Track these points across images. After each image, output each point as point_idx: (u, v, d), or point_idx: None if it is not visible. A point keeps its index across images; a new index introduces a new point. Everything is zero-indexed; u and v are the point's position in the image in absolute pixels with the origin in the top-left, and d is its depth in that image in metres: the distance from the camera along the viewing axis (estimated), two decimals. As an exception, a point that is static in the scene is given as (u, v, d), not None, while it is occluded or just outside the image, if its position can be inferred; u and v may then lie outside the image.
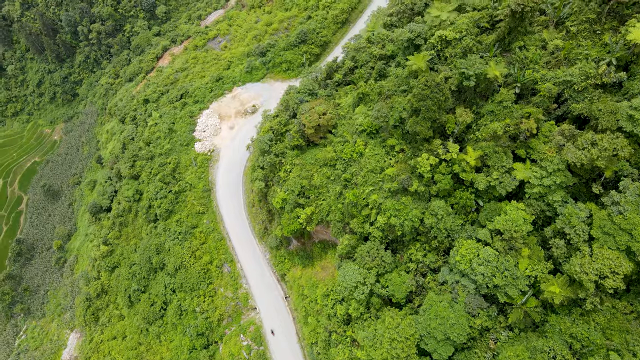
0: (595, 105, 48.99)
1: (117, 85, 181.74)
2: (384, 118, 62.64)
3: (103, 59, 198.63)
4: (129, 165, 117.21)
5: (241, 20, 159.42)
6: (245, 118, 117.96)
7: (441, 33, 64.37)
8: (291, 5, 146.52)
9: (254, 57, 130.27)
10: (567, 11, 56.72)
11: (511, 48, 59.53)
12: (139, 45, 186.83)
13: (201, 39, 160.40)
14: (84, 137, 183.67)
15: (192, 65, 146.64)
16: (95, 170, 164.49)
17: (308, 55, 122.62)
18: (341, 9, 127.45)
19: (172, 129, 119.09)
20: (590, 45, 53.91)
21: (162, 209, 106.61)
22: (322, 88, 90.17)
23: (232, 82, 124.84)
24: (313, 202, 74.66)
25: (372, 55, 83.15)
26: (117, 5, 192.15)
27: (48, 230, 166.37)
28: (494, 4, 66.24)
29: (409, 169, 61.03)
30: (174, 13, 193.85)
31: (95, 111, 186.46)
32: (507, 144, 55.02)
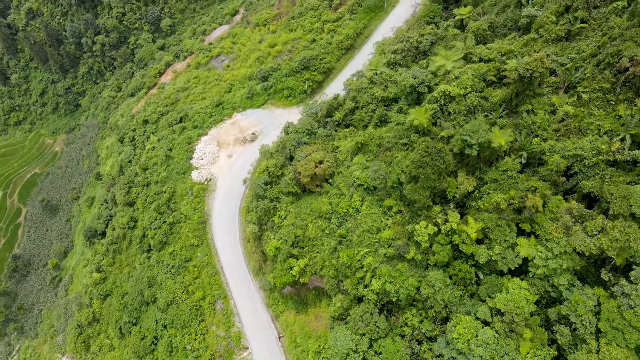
0: (607, 188, 45.46)
1: (119, 99, 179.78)
2: (381, 180, 59.37)
3: (107, 71, 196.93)
4: (124, 192, 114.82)
5: (245, 38, 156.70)
6: (244, 146, 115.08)
7: (445, 88, 60.99)
8: (296, 26, 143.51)
9: (255, 81, 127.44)
10: (579, 76, 53.16)
11: (518, 110, 56.05)
12: (142, 59, 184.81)
13: (204, 57, 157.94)
14: (85, 150, 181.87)
15: (193, 86, 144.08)
16: (94, 186, 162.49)
17: (310, 83, 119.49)
18: (346, 35, 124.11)
19: (170, 156, 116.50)
20: (603, 116, 50.35)
21: (156, 240, 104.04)
22: (322, 126, 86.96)
23: (232, 108, 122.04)
24: (307, 254, 71.57)
25: (374, 97, 79.85)
26: (123, 17, 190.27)
27: (45, 246, 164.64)
28: (502, 58, 62.76)
29: (407, 234, 57.76)
30: (179, 27, 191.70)
31: (97, 124, 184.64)
32: (512, 217, 51.62)
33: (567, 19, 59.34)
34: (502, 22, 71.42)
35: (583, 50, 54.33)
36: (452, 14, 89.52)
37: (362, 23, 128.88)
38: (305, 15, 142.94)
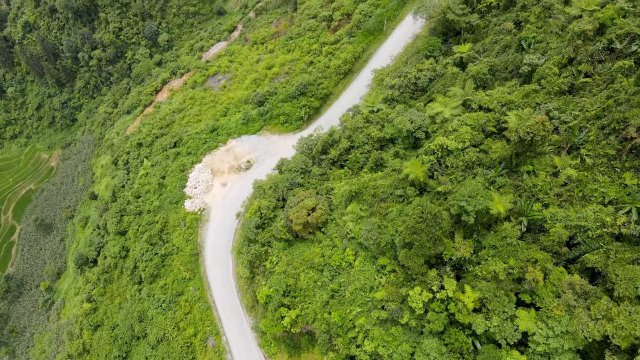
0: (612, 267, 42.81)
1: (115, 116, 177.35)
2: (374, 240, 56.72)
3: (103, 86, 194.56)
4: (116, 221, 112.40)
5: (243, 57, 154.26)
6: (239, 174, 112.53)
7: (442, 141, 58.42)
8: (294, 46, 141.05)
9: (251, 105, 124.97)
10: (582, 137, 50.51)
11: (518, 169, 53.39)
12: (139, 74, 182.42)
13: (201, 75, 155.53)
14: (80, 167, 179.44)
15: (189, 106, 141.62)
16: (88, 204, 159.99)
17: (307, 109, 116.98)
18: (344, 60, 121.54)
19: (163, 184, 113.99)
20: (607, 182, 47.69)
21: (147, 272, 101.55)
22: (317, 164, 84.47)
23: (227, 133, 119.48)
24: (299, 304, 68.94)
25: (370, 136, 77.40)
26: (120, 32, 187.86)
27: (38, 266, 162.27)
28: (502, 108, 60.11)
29: (400, 296, 55.10)
30: (176, 41, 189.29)
31: (92, 141, 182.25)
32: (510, 286, 48.98)
33: (570, 71, 56.68)
34: (503, 66, 68.75)
35: (587, 109, 51.64)
36: (451, 48, 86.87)
37: (360, 46, 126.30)
38: (303, 35, 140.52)
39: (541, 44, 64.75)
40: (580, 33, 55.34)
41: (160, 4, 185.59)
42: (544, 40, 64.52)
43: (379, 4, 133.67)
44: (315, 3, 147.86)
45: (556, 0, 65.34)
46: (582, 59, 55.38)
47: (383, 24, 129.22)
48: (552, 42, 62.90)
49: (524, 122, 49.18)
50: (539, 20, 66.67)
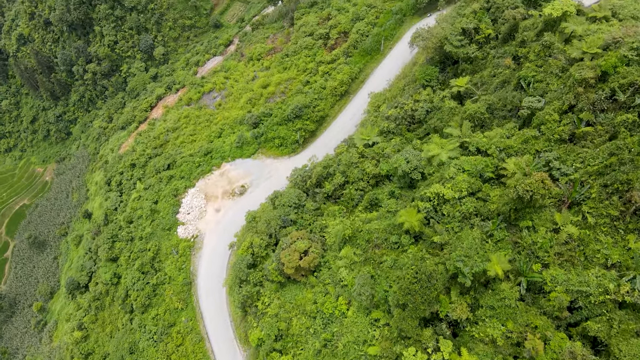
0: (616, 340, 40.70)
1: (109, 130, 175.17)
2: (367, 295, 54.58)
3: (98, 99, 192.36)
4: (107, 247, 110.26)
5: (238, 73, 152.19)
6: (233, 200, 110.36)
7: (438, 190, 56.30)
8: (290, 64, 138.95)
9: (246, 126, 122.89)
10: (584, 193, 48.37)
11: (517, 223, 51.24)
12: (134, 88, 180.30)
13: (196, 92, 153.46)
14: (74, 182, 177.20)
15: (183, 125, 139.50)
16: (82, 222, 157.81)
17: (303, 132, 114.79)
18: (340, 81, 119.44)
19: (155, 209, 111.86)
20: (610, 244, 45.57)
21: (139, 302, 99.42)
22: (311, 197, 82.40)
23: (221, 157, 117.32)
24: (290, 350, 66.75)
25: (365, 172, 75.31)
26: (115, 45, 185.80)
27: (31, 284, 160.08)
28: (500, 154, 58.00)
29: (394, 354, 52.92)
30: (172, 54, 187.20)
31: (87, 156, 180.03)
32: (509, 350, 46.85)
33: (571, 118, 54.56)
34: (501, 104, 66.65)
35: (589, 162, 49.50)
36: (448, 77, 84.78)
37: (357, 67, 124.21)
38: (299, 53, 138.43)
39: (541, 84, 62.65)
40: (581, 80, 53.23)
41: (156, 18, 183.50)
42: (543, 80, 62.42)
43: (376, 23, 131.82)
44: (312, 20, 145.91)
45: (556, 38, 63.19)
46: (583, 106, 53.26)
47: (380, 43, 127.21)
48: (552, 84, 60.81)
49: (524, 179, 47.01)
50: (538, 58, 64.55)
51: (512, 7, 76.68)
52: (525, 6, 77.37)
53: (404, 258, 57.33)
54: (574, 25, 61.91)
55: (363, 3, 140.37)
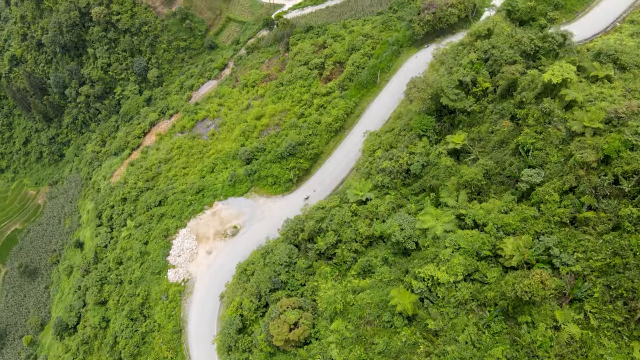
0: None
1: (102, 155, 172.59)
2: (357, 388, 52.02)
3: (91, 122, 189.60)
4: (96, 290, 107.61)
5: (232, 101, 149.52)
6: (225, 241, 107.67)
7: (433, 272, 53.72)
8: (284, 94, 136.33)
9: (239, 162, 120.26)
10: (586, 291, 45.71)
11: (516, 317, 48.59)
12: (127, 112, 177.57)
13: (189, 120, 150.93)
14: (66, 207, 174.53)
15: (176, 157, 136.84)
16: (74, 251, 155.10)
17: (297, 171, 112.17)
18: (335, 117, 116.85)
19: (145, 251, 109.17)
20: (614, 349, 42.95)
21: (127, 351, 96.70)
22: (302, 253, 79.82)
23: (213, 195, 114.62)
24: None
25: (358, 232, 72.71)
26: (108, 67, 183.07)
27: (22, 314, 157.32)
28: (498, 232, 55.36)
29: None
30: (166, 77, 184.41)
31: (79, 180, 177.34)
32: None
33: (572, 199, 51.92)
34: (499, 169, 64.05)
35: (591, 256, 46.87)
36: (445, 126, 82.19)
37: (352, 101, 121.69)
38: (294, 83, 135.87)
39: (540, 153, 60.05)
40: (582, 163, 50.65)
41: (149, 40, 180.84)
42: (543, 149, 59.82)
43: (372, 54, 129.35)
44: (307, 47, 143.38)
45: (556, 105, 60.61)
46: (584, 189, 50.65)
47: (376, 76, 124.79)
48: (552, 154, 58.23)
49: (522, 279, 44.38)
50: (537, 124, 61.97)
51: (510, 61, 74.17)
52: (524, 60, 74.84)
53: (397, 341, 54.77)
54: (575, 93, 59.28)
55: (359, 32, 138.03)
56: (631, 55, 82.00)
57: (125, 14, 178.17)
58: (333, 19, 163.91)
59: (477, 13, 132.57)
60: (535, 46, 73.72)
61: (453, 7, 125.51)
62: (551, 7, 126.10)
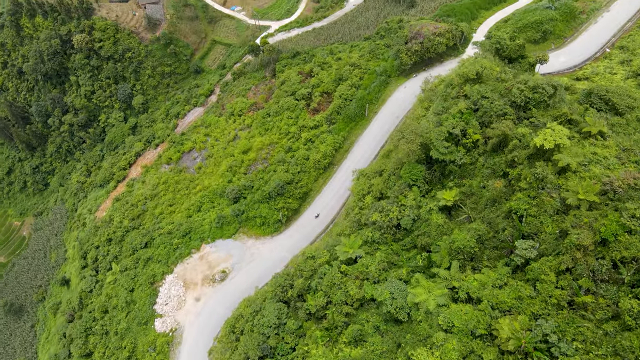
0: None
1: (88, 186, 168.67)
2: None
3: (76, 150, 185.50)
4: (81, 342, 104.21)
5: (219, 131, 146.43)
6: (213, 287, 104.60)
7: (425, 358, 51.18)
8: (271, 125, 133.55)
9: (226, 200, 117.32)
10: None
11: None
12: (112, 141, 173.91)
13: (175, 151, 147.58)
14: (52, 240, 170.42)
15: (162, 193, 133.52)
16: (60, 289, 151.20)
17: (285, 211, 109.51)
18: (324, 153, 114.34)
19: (131, 300, 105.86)
20: None
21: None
22: (292, 311, 77.18)
23: (200, 238, 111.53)
24: None
25: (348, 294, 70.13)
26: (92, 95, 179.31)
27: (8, 354, 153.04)
28: (492, 311, 53.07)
29: None
30: (152, 102, 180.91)
31: (65, 212, 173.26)
32: None
33: (569, 280, 49.75)
34: (492, 233, 61.83)
35: (590, 349, 44.65)
36: (435, 175, 79.93)
37: (341, 135, 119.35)
38: (281, 114, 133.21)
39: (534, 220, 57.87)
40: (579, 245, 48.51)
41: (133, 66, 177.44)
42: (537, 216, 57.65)
43: (360, 85, 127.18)
44: (293, 76, 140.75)
45: (549, 170, 58.47)
46: (582, 271, 48.49)
47: (365, 108, 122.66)
48: (546, 224, 56.10)
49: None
50: (530, 188, 59.82)
51: (500, 113, 72.03)
52: (515, 110, 72.79)
53: None
54: (568, 158, 57.16)
55: (346, 61, 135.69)
56: (623, 97, 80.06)
57: (108, 41, 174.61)
58: (320, 42, 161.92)
59: (465, 40, 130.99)
60: (525, 97, 71.70)
61: (441, 36, 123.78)
62: (539, 33, 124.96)
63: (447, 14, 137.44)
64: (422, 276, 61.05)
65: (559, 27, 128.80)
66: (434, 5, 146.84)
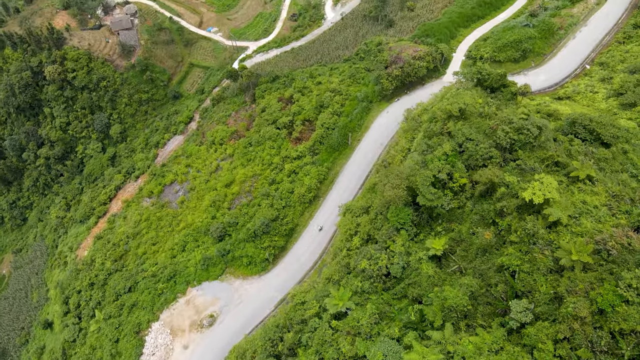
0: None
1: (68, 221, 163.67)
2: None
3: (54, 183, 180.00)
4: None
5: (200, 162, 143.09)
6: (202, 333, 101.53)
7: None
8: (254, 156, 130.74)
9: (211, 239, 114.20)
10: None
11: None
12: (91, 173, 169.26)
13: (157, 184, 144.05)
14: (33, 279, 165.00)
15: (144, 230, 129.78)
16: (43, 332, 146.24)
17: (272, 250, 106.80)
18: (308, 187, 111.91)
19: (117, 351, 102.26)
20: None
21: None
22: (284, 367, 74.72)
23: (186, 281, 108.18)
24: None
25: (340, 351, 67.82)
26: (67, 126, 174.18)
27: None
28: None
29: None
30: (130, 131, 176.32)
31: (45, 249, 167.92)
32: None
33: (567, 349, 48.09)
34: (485, 289, 60.11)
35: None
36: (423, 217, 78.07)
37: (325, 166, 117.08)
38: (263, 144, 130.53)
39: (528, 278, 56.27)
40: (575, 316, 46.91)
41: (109, 95, 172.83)
42: (530, 274, 56.08)
43: (341, 112, 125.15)
44: (274, 103, 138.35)
45: (540, 224, 56.93)
46: (580, 342, 46.88)
47: (348, 137, 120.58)
48: (540, 282, 54.51)
49: None
50: (521, 242, 58.22)
51: (486, 156, 70.45)
52: (501, 153, 71.26)
53: None
54: (559, 212, 55.65)
55: (327, 86, 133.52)
56: (607, 126, 79.14)
57: (81, 71, 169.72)
58: (299, 64, 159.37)
59: (446, 61, 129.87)
60: (510, 139, 70.21)
61: (421, 59, 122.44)
62: (519, 52, 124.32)
63: (426, 33, 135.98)
64: (416, 338, 58.97)
65: (538, 44, 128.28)
66: (413, 25, 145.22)
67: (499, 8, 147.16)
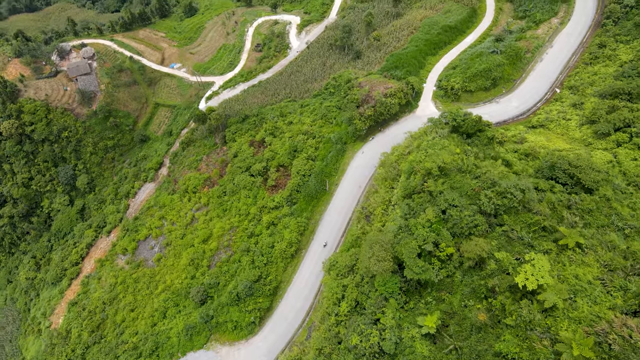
0: None
1: (39, 282, 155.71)
2: None
3: (21, 241, 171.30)
4: None
5: (174, 212, 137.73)
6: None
7: None
8: (229, 205, 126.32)
9: (192, 303, 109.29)
10: None
11: None
12: (60, 229, 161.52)
13: (130, 240, 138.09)
14: (7, 347, 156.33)
15: (121, 294, 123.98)
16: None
17: (257, 312, 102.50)
18: (289, 241, 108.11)
19: None
20: None
21: None
22: None
23: (169, 354, 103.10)
24: None
25: None
26: (30, 182, 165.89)
27: None
28: None
29: None
30: (98, 180, 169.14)
31: (17, 314, 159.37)
32: None
33: None
34: None
35: None
36: (412, 284, 75.41)
37: (304, 216, 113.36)
38: (238, 193, 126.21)
39: (527, 367, 53.98)
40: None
41: (72, 145, 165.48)
42: (529, 362, 53.78)
43: (316, 156, 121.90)
44: (245, 147, 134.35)
45: (535, 308, 54.74)
46: None
47: (325, 182, 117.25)
48: (541, 374, 52.21)
49: None
50: (517, 327, 55.91)
51: (471, 224, 68.10)
52: (486, 218, 69.12)
53: None
54: (554, 297, 53.60)
55: (299, 128, 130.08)
56: (587, 170, 78.01)
57: (40, 123, 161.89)
58: (268, 99, 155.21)
59: (417, 94, 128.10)
60: (494, 205, 68.10)
61: (392, 96, 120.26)
62: (489, 81, 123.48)
63: (395, 65, 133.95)
64: None
65: (507, 70, 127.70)
66: (380, 55, 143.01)
67: (464, 32, 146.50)
